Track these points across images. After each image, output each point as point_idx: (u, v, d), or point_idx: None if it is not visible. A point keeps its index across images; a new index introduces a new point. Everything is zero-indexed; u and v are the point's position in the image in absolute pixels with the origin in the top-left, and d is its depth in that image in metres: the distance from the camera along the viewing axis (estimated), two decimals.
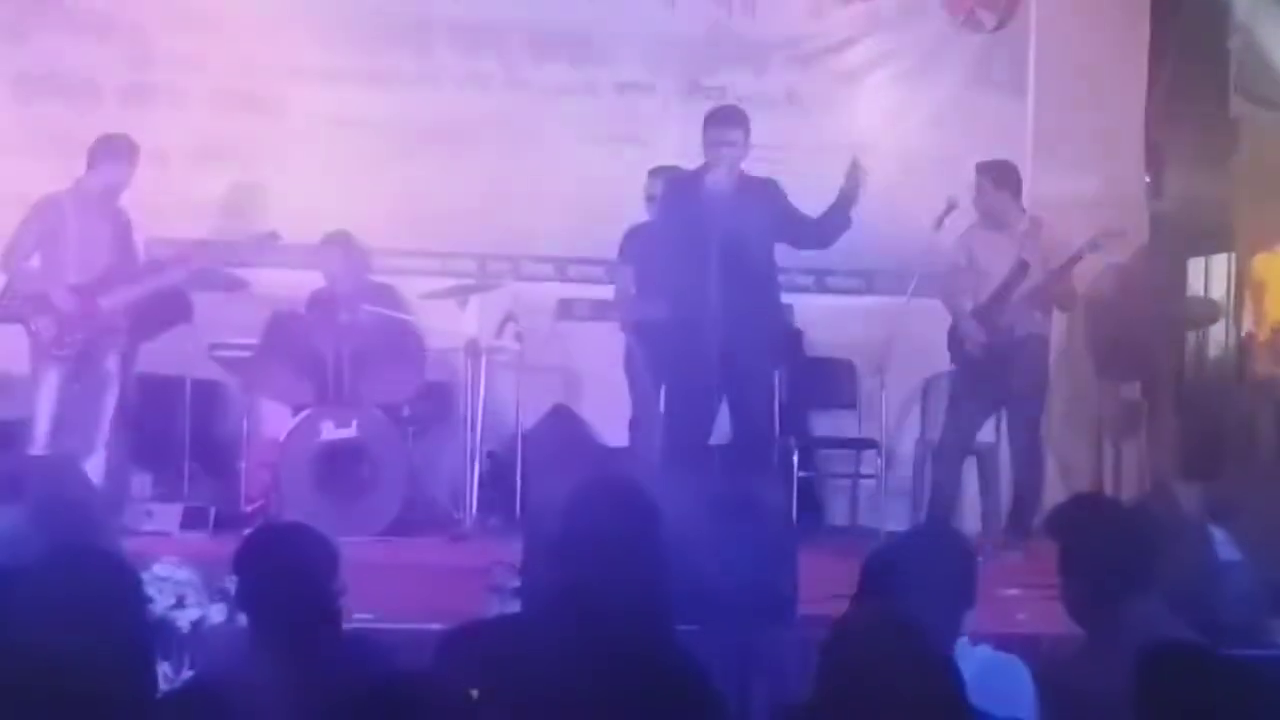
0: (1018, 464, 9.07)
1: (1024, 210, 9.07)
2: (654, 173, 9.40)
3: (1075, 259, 8.77)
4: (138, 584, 4.23)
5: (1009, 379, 8.90)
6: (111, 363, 8.88)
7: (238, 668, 4.22)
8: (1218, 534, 6.73)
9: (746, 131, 8.46)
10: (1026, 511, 9.01)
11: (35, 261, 8.75)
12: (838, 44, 10.44)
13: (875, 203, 9.28)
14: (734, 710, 4.20)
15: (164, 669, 5.27)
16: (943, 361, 9.34)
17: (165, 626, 5.75)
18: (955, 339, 9.10)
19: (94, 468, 8.44)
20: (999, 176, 8.99)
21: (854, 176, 8.30)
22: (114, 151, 8.80)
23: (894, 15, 10.50)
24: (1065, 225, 9.14)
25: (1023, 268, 8.82)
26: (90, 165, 8.78)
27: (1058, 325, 9.99)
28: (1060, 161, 10.19)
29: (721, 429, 8.77)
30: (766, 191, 8.49)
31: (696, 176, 8.44)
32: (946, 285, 9.12)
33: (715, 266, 8.25)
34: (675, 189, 8.64)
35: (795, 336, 10.18)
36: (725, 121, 8.45)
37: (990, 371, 8.93)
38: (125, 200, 8.99)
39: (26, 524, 5.74)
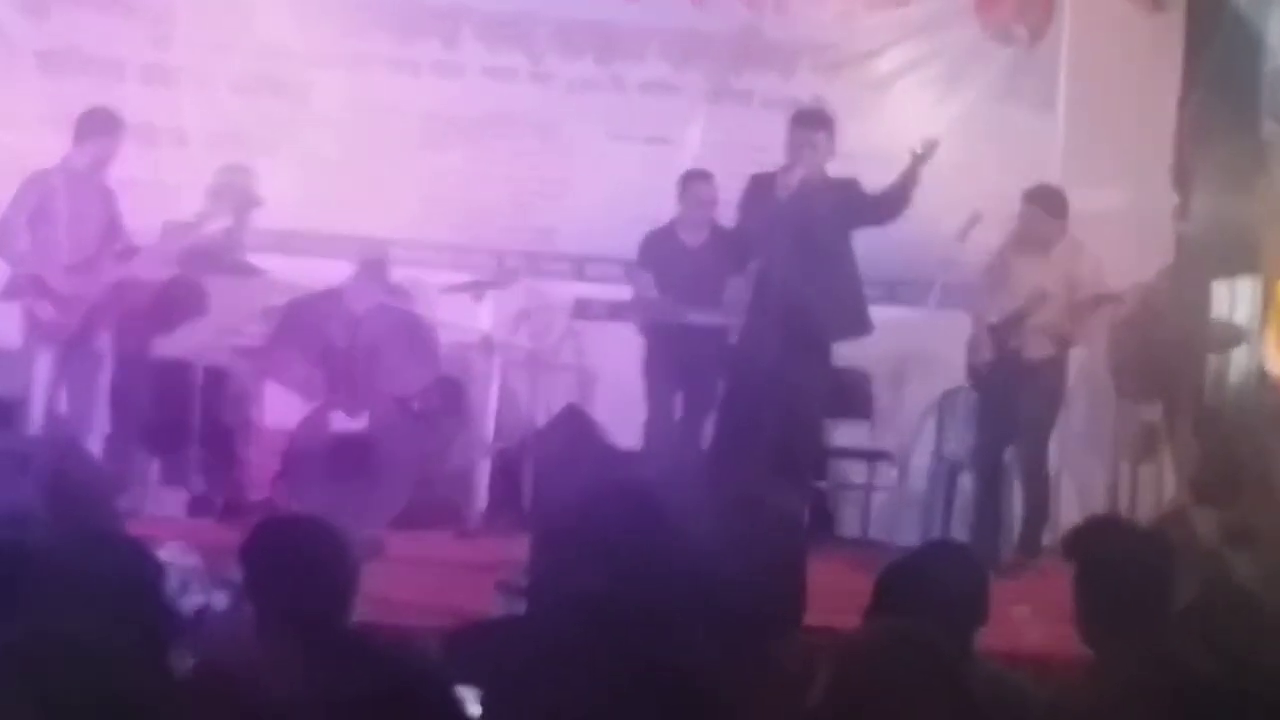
0: (1023, 486, 9.01)
1: (1065, 234, 9.00)
2: (686, 178, 9.41)
3: (1084, 306, 8.73)
4: (159, 569, 4.26)
5: (1019, 400, 8.84)
6: (103, 342, 8.85)
7: (240, 657, 4.19)
8: (1234, 559, 6.67)
9: (830, 134, 8.66)
10: (1033, 532, 8.95)
11: (26, 240, 8.69)
12: (868, 51, 10.40)
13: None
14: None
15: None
16: (961, 375, 9.28)
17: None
18: (972, 354, 9.07)
19: (92, 448, 8.43)
20: (1045, 203, 8.95)
21: (923, 156, 8.51)
22: (100, 126, 8.77)
23: (926, 24, 10.46)
24: (1091, 243, 9.08)
25: (1041, 296, 8.77)
26: (77, 140, 8.76)
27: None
28: (1088, 178, 10.10)
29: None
30: (845, 190, 8.57)
31: (774, 178, 8.55)
32: (976, 300, 9.08)
33: (785, 267, 8.34)
34: (754, 190, 8.79)
35: None
36: (809, 124, 8.68)
37: (1001, 391, 8.89)
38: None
39: (33, 503, 5.74)
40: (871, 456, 10.02)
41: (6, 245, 8.65)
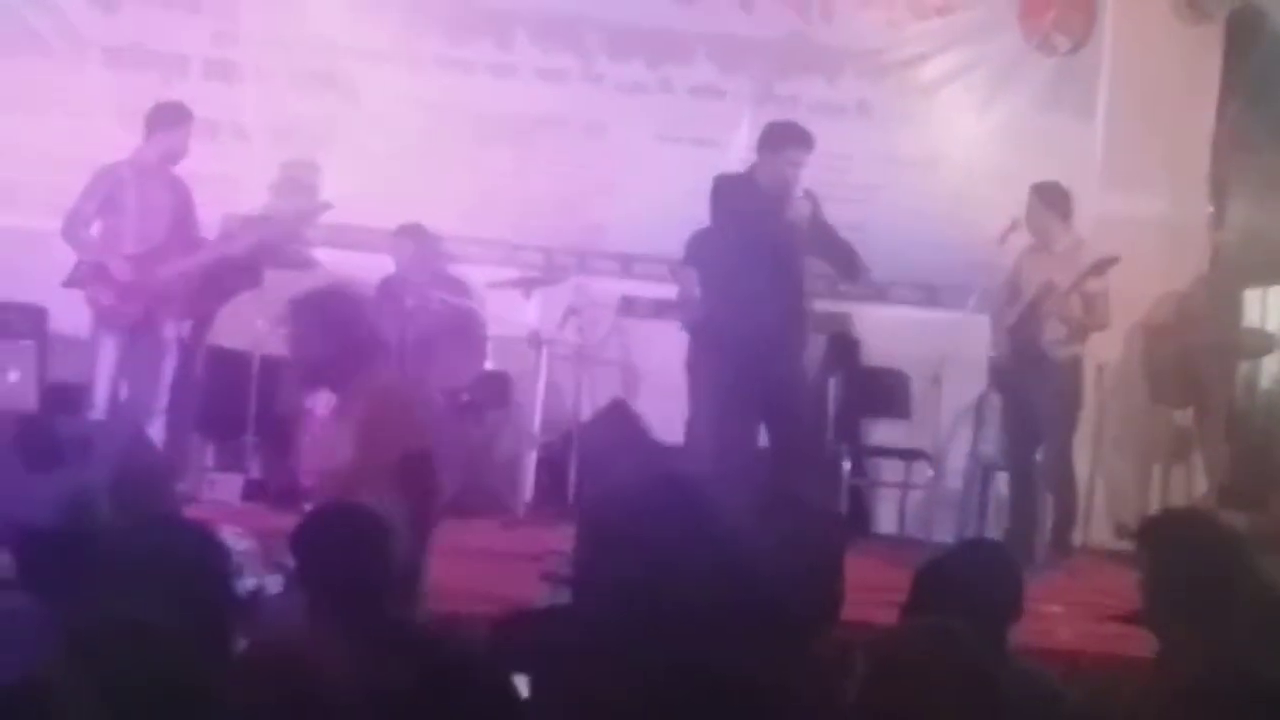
0: (1048, 484, 9.08)
1: (1069, 232, 9.08)
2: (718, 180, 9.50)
3: (1084, 274, 8.75)
4: (224, 554, 4.32)
5: (1042, 399, 8.95)
6: (169, 331, 8.99)
7: (292, 639, 4.27)
8: (1264, 563, 6.74)
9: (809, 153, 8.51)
10: (1063, 531, 9.03)
11: (95, 229, 8.85)
12: (912, 57, 10.45)
13: (940, 217, 9.38)
14: (776, 712, 4.25)
15: None
16: None
17: None
18: (993, 358, 9.16)
19: (153, 434, 8.59)
20: (1047, 197, 8.99)
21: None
22: (170, 119, 8.91)
23: (969, 33, 10.50)
24: (1127, 250, 9.16)
25: (1047, 288, 8.82)
26: (147, 134, 8.89)
27: (1114, 349, 10.03)
28: (1125, 186, 10.18)
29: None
30: (810, 202, 8.56)
31: (751, 182, 8.49)
32: (995, 305, 9.18)
33: (768, 275, 8.33)
34: (732, 193, 8.63)
35: (852, 345, 10.27)
36: (800, 144, 8.43)
37: (1022, 393, 8.99)
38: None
39: (97, 487, 5.87)
40: (909, 455, 10.10)
41: (76, 234, 8.79)
